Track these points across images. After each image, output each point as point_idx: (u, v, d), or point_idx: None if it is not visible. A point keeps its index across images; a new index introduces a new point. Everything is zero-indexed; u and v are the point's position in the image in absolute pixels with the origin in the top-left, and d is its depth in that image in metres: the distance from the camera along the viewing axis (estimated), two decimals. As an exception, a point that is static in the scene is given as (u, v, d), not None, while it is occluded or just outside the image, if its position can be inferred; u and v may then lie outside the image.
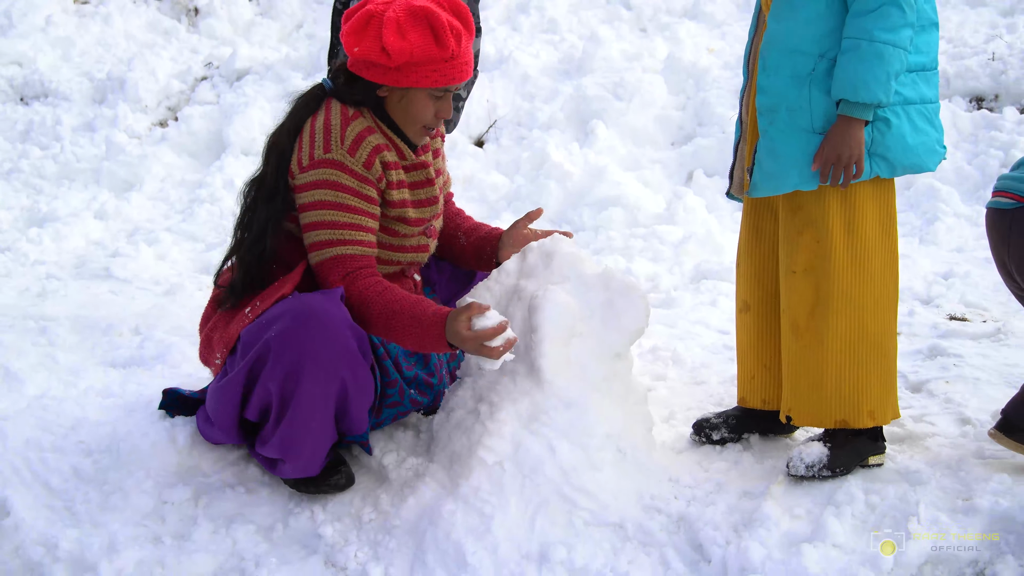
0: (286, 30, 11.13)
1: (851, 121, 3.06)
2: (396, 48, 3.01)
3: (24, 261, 6.33)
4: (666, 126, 7.98)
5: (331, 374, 3.00)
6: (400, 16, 3.03)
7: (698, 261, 5.85)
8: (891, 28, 2.99)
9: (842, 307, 3.21)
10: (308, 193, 3.11)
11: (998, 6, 9.50)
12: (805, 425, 3.35)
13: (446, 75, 3.11)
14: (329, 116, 3.14)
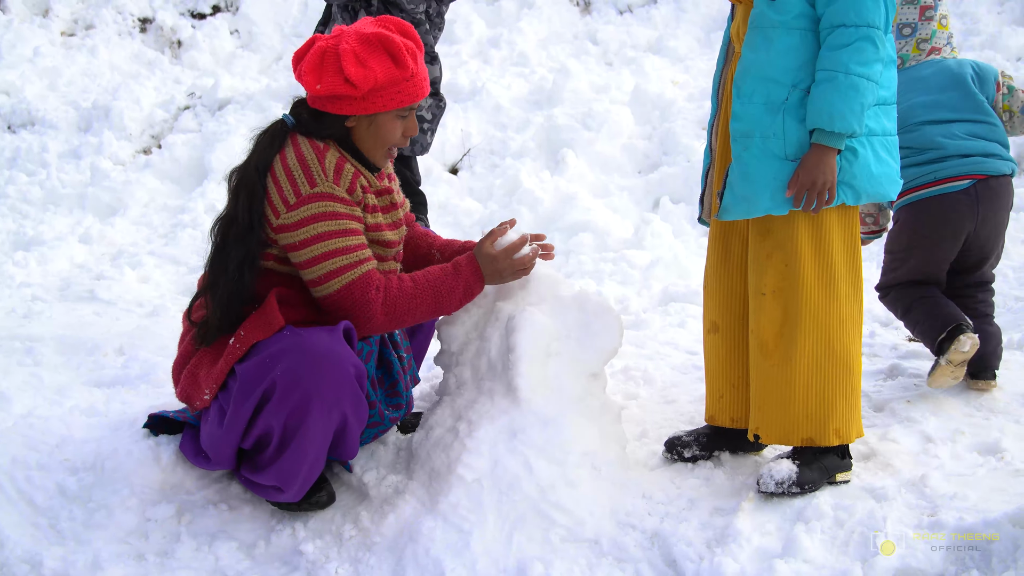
0: (266, 62, 11.10)
1: (825, 149, 3.05)
2: (359, 77, 2.99)
3: (10, 283, 6.25)
4: (633, 155, 7.99)
5: (335, 410, 2.99)
6: (355, 47, 3.01)
7: (666, 284, 5.84)
8: (865, 62, 3.00)
9: (810, 327, 3.19)
10: (304, 229, 3.03)
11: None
12: (773, 443, 3.32)
13: (410, 94, 3.11)
14: (301, 151, 3.07)
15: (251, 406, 2.95)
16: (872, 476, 3.34)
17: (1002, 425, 3.78)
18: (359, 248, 3.08)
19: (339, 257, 3.04)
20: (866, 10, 2.99)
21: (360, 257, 3.07)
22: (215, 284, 3.07)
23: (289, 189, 3.03)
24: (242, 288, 3.05)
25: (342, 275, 3.04)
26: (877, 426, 3.72)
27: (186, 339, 3.24)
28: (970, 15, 10.12)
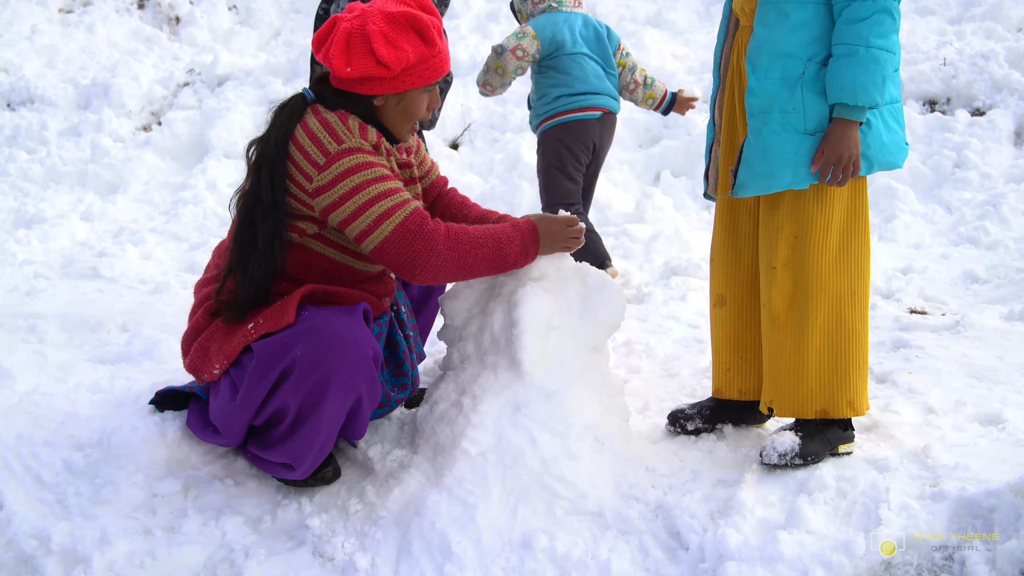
0: (264, 38, 11.07)
1: (848, 123, 3.05)
2: (392, 59, 2.98)
3: (12, 261, 6.25)
4: (634, 129, 7.97)
5: (351, 392, 3.00)
6: (384, 28, 2.99)
7: (667, 258, 5.83)
8: (884, 34, 2.98)
9: (821, 299, 3.19)
10: (341, 184, 2.99)
11: (945, 15, 9.56)
12: (786, 416, 3.32)
13: (437, 69, 3.11)
14: (322, 116, 3.06)
15: (268, 384, 2.95)
16: (875, 447, 3.35)
17: (1003, 396, 3.79)
18: (399, 190, 3.04)
19: (384, 200, 3.00)
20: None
21: (404, 197, 3.04)
22: (245, 261, 3.05)
23: (316, 152, 3.01)
24: (273, 263, 3.05)
25: (393, 215, 3.00)
26: (879, 397, 3.73)
27: (198, 312, 3.23)
28: (971, -15, 10.06)
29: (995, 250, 5.84)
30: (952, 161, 6.87)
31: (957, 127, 7.22)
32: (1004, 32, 8.69)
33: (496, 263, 3.14)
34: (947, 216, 6.41)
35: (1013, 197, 6.34)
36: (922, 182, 6.83)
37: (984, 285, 5.35)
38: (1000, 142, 7.08)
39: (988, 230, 6.01)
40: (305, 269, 3.16)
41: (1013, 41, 8.24)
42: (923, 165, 6.95)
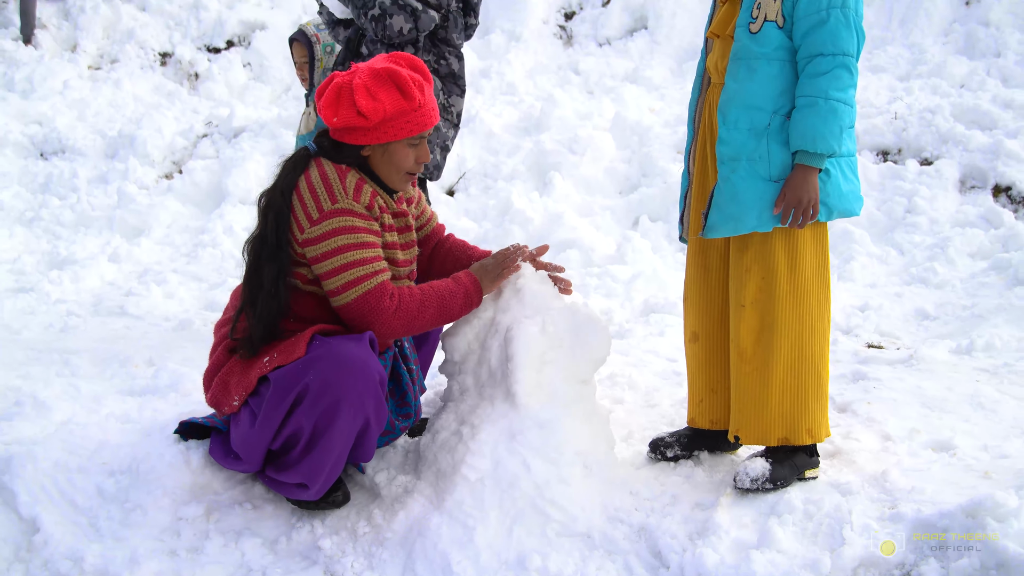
0: (276, 93, 11.11)
1: (808, 169, 3.09)
2: (370, 109, 3.02)
3: (47, 300, 6.23)
4: (614, 177, 7.99)
5: (360, 413, 3.02)
6: (367, 81, 3.04)
7: (646, 296, 5.84)
8: (842, 88, 3.03)
9: (784, 335, 3.22)
10: (326, 243, 3.06)
11: (895, 72, 9.65)
12: (751, 443, 3.34)
13: (418, 123, 3.12)
14: (324, 170, 3.11)
15: (285, 408, 2.98)
16: (837, 472, 3.37)
17: (953, 424, 3.82)
18: (375, 260, 3.10)
19: (356, 268, 3.06)
20: (841, 40, 3.03)
21: (376, 268, 3.09)
22: (254, 301, 3.09)
23: (313, 205, 3.07)
24: (279, 303, 3.08)
25: (359, 285, 3.06)
26: (841, 426, 3.75)
27: (217, 350, 3.26)
28: (917, 45, 10.18)
29: (943, 289, 5.88)
30: (903, 207, 6.92)
31: (908, 176, 7.27)
32: (948, 88, 8.77)
33: (443, 318, 3.26)
34: (900, 257, 6.45)
35: (959, 240, 6.38)
36: (876, 226, 6.87)
37: (934, 321, 5.38)
38: (947, 190, 7.13)
39: (937, 271, 6.05)
40: (313, 310, 3.19)
41: (957, 97, 8.32)
42: (877, 211, 6.99)
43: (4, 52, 10.77)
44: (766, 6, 3.10)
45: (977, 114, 7.84)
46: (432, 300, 3.19)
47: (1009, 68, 9.09)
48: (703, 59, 3.44)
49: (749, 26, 3.13)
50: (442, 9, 4.65)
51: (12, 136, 9.25)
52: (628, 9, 11.45)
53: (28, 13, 11.13)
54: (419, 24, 4.56)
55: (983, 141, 7.44)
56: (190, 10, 11.86)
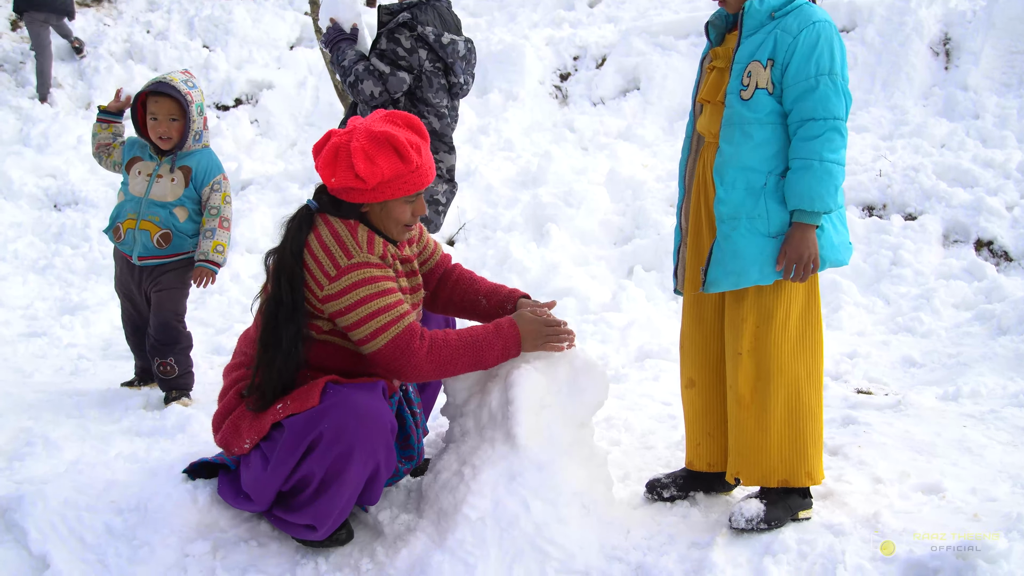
0: (282, 148, 11.19)
1: (806, 227, 3.12)
2: (367, 174, 3.01)
3: (58, 344, 6.23)
4: (609, 229, 8.04)
5: (371, 460, 3.01)
6: (364, 145, 3.02)
7: (641, 343, 5.84)
8: (835, 150, 3.07)
9: (781, 381, 3.22)
10: (348, 296, 3.04)
11: (879, 132, 9.74)
12: (752, 485, 3.32)
13: (415, 183, 3.11)
14: (334, 228, 3.09)
15: (299, 453, 2.96)
16: (830, 513, 3.34)
17: (942, 468, 3.80)
18: (398, 304, 3.08)
19: (382, 315, 3.04)
20: (832, 105, 3.07)
21: (400, 312, 3.07)
22: (271, 360, 3.06)
23: (329, 264, 3.05)
24: (297, 360, 3.08)
25: (387, 331, 3.04)
26: (833, 468, 3.72)
27: (228, 394, 3.25)
28: (899, 107, 10.29)
29: (929, 338, 5.89)
30: (889, 259, 6.95)
31: (893, 230, 7.32)
32: (930, 148, 8.85)
33: (476, 366, 3.21)
34: (886, 307, 6.47)
35: (943, 292, 6.41)
36: (863, 277, 6.90)
37: (921, 369, 5.38)
38: (930, 243, 7.18)
39: (922, 320, 6.07)
40: (326, 358, 3.18)
41: (938, 156, 8.39)
42: (864, 263, 7.02)
43: (21, 110, 10.86)
44: (756, 75, 3.14)
45: (958, 172, 7.91)
46: (467, 347, 3.14)
47: (988, 129, 9.18)
48: (691, 121, 3.49)
49: (740, 93, 3.17)
50: (414, 70, 4.73)
51: (27, 188, 9.30)
52: (621, 71, 11.58)
53: (44, 73, 11.25)
54: (388, 87, 4.69)
55: (965, 198, 7.50)
56: (200, 70, 11.98)
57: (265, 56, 12.47)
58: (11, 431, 4.19)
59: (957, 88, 10.54)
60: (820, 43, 3.08)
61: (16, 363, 5.77)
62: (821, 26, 3.09)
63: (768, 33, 3.14)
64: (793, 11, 3.13)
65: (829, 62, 3.08)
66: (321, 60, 11.12)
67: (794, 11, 3.13)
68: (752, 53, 3.16)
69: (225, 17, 12.80)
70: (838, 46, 3.10)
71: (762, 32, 3.16)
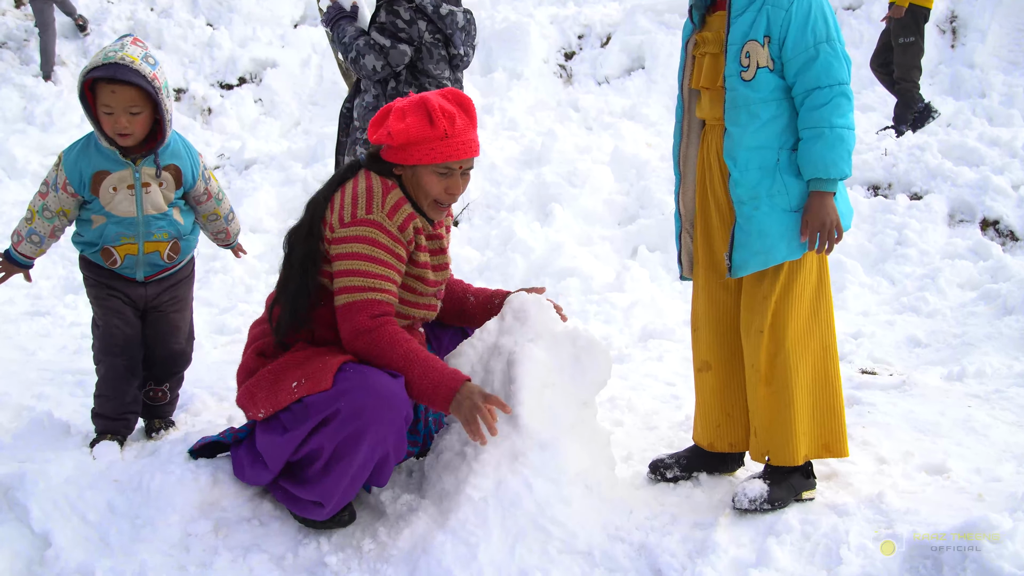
0: (286, 127, 11.16)
1: (824, 195, 3.11)
2: (396, 130, 3.05)
3: (62, 323, 6.21)
4: (613, 208, 8.01)
5: (381, 446, 3.00)
6: (404, 105, 3.10)
7: (644, 323, 5.83)
8: (843, 115, 3.06)
9: (801, 356, 3.22)
10: (347, 245, 3.07)
11: (883, 111, 9.70)
12: (779, 463, 3.27)
13: (442, 152, 3.08)
14: (370, 182, 3.14)
15: (312, 424, 2.97)
16: (834, 494, 3.33)
17: (946, 448, 3.78)
18: (379, 278, 3.07)
19: (358, 278, 3.05)
20: (835, 70, 3.05)
21: (374, 285, 3.06)
22: (285, 283, 3.16)
23: (349, 210, 3.10)
24: (305, 285, 3.11)
25: (352, 293, 3.05)
26: (836, 449, 3.71)
27: (248, 350, 3.30)
28: (906, 86, 10.20)
29: (934, 318, 5.86)
30: (894, 239, 6.92)
31: (898, 209, 7.28)
32: (935, 126, 8.80)
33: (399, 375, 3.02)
34: (891, 287, 6.44)
35: (948, 271, 6.37)
36: (868, 257, 6.86)
37: (926, 349, 5.35)
38: (936, 223, 7.13)
39: (928, 300, 6.04)
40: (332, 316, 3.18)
41: (944, 135, 8.34)
42: (868, 242, 6.98)
43: (25, 88, 10.83)
44: (755, 54, 3.11)
45: (964, 151, 7.85)
46: (401, 357, 2.99)
47: (994, 108, 9.13)
48: (680, 106, 3.46)
49: (741, 75, 3.14)
50: (414, 42, 4.72)
51: (31, 167, 9.28)
52: (626, 50, 11.53)
53: (48, 51, 11.20)
54: (390, 60, 4.68)
55: (971, 177, 7.45)
56: (204, 49, 11.93)
57: (269, 34, 12.40)
58: (14, 409, 4.18)
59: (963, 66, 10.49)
60: (813, 11, 3.06)
61: (19, 341, 5.76)
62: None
63: (758, 10, 3.10)
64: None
65: (825, 29, 3.06)
66: (325, 39, 11.06)
67: None
68: (746, 33, 3.12)
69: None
70: (829, 11, 3.10)
71: (751, 10, 3.12)
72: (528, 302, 3.38)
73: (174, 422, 3.98)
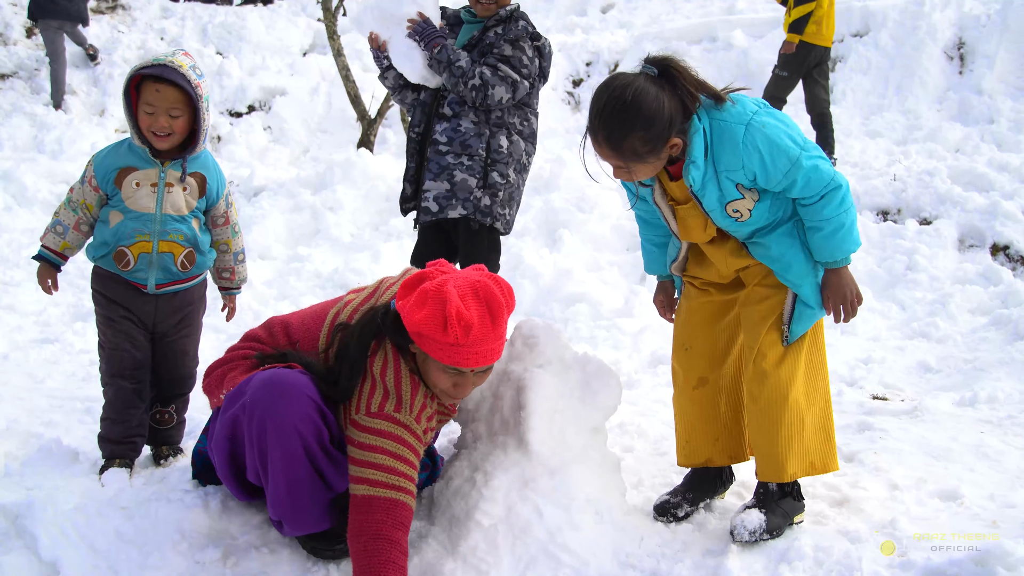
0: (294, 154, 11.21)
1: (840, 271, 3.12)
2: (410, 318, 2.85)
3: (70, 350, 6.22)
4: (621, 234, 8.01)
5: (288, 432, 2.85)
6: (429, 288, 2.84)
7: (654, 348, 5.81)
8: (838, 204, 3.00)
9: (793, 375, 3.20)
10: (370, 436, 2.90)
11: (892, 137, 9.71)
12: (766, 480, 3.25)
13: (451, 357, 2.85)
14: (399, 377, 2.97)
15: (225, 429, 2.96)
16: (846, 520, 3.30)
17: (959, 474, 3.75)
18: (403, 476, 2.88)
19: (381, 472, 2.86)
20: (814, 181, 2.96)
21: (398, 484, 2.87)
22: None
23: (378, 401, 2.94)
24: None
25: (375, 488, 2.85)
26: (848, 475, 3.68)
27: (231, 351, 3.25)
28: (913, 112, 10.24)
29: (945, 343, 5.83)
30: (904, 264, 6.90)
31: (907, 235, 7.27)
32: (944, 152, 8.81)
33: None
34: (901, 313, 6.42)
35: (959, 296, 6.35)
36: (878, 282, 6.85)
37: (936, 374, 5.33)
38: (946, 248, 7.12)
39: (938, 325, 6.01)
40: None
41: (953, 160, 8.34)
42: (878, 268, 6.97)
43: (36, 116, 10.90)
44: (742, 205, 3.05)
45: (973, 176, 7.85)
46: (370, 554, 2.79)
47: (1003, 134, 9.12)
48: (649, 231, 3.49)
49: (737, 222, 3.10)
50: (531, 79, 4.79)
51: (41, 195, 9.30)
52: (634, 76, 11.54)
53: (59, 80, 11.29)
54: (516, 94, 4.73)
55: (980, 202, 7.44)
56: (214, 77, 12.01)
57: (278, 63, 12.49)
58: (22, 436, 4.18)
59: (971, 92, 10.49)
60: (763, 153, 2.91)
61: (28, 368, 5.77)
62: (749, 138, 2.91)
63: (717, 181, 3.00)
64: (714, 144, 2.96)
65: (784, 154, 2.91)
66: (334, 67, 11.12)
67: (715, 144, 2.96)
68: (720, 198, 3.03)
69: (238, 24, 12.83)
70: (775, 134, 2.91)
71: (711, 183, 3.00)
72: (538, 327, 3.37)
73: (182, 449, 3.97)
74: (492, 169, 4.71)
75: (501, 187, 4.73)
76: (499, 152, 4.75)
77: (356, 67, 11.79)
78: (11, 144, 10.27)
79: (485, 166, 4.73)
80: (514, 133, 4.78)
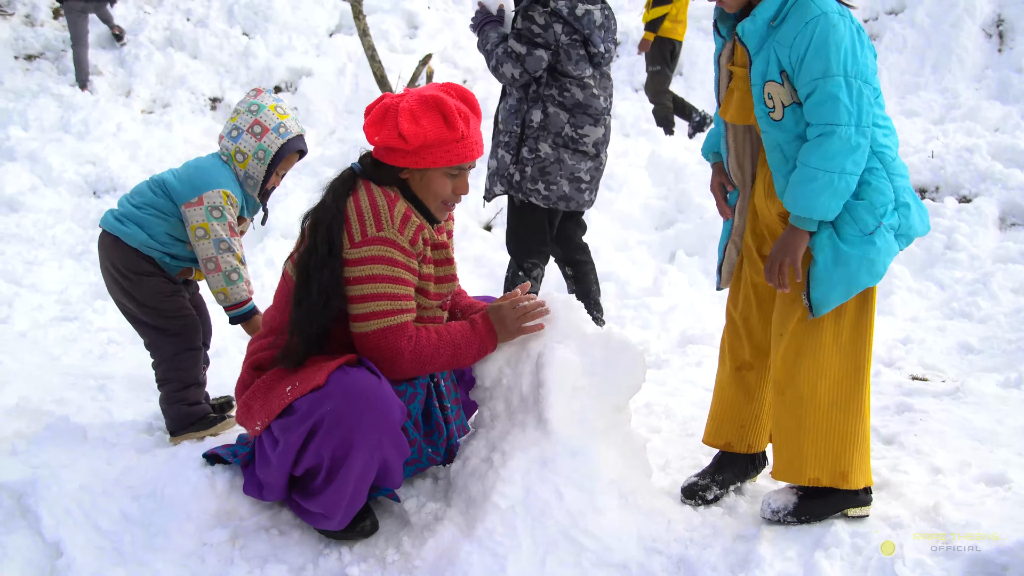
0: (321, 135, 11.12)
1: (795, 231, 2.86)
2: (411, 133, 2.89)
3: (89, 328, 6.14)
4: (650, 213, 7.86)
5: (376, 449, 2.85)
6: (413, 105, 2.92)
7: (683, 328, 5.65)
8: (825, 155, 2.75)
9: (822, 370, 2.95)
10: (362, 267, 2.91)
11: (929, 116, 9.46)
12: (780, 480, 3.08)
13: (458, 154, 2.98)
14: (373, 196, 2.96)
15: (300, 436, 2.82)
16: (886, 505, 3.11)
17: (1006, 457, 3.55)
18: (404, 298, 2.95)
19: (384, 301, 2.91)
20: (826, 110, 2.73)
21: (402, 307, 2.94)
22: (306, 313, 2.93)
23: (357, 228, 2.91)
24: (328, 312, 2.92)
25: (382, 319, 2.91)
26: (887, 458, 3.50)
27: (245, 365, 3.13)
28: (951, 90, 10.00)
29: (987, 323, 5.61)
30: (943, 243, 6.67)
31: (946, 212, 7.03)
32: (983, 131, 8.55)
33: (456, 364, 3.10)
34: (940, 292, 6.19)
35: (1000, 276, 6.12)
36: (916, 262, 6.62)
37: (979, 355, 5.11)
38: (986, 226, 6.88)
39: (980, 305, 5.79)
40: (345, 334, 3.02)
41: (992, 137, 8.08)
42: (916, 247, 6.73)
43: (62, 97, 10.85)
44: (777, 94, 2.86)
45: (1015, 153, 7.60)
46: (447, 346, 3.03)
47: (1044, 111, 8.84)
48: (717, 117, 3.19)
49: (770, 115, 2.90)
50: (551, 46, 4.72)
51: (67, 175, 9.27)
52: (663, 55, 11.33)
53: (81, 61, 11.24)
54: (527, 67, 4.72)
55: (1022, 179, 7.18)
56: (240, 58, 11.92)
57: (304, 43, 12.37)
58: (32, 414, 4.09)
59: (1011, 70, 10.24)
60: (812, 45, 2.73)
61: (46, 346, 5.70)
62: (814, 24, 2.74)
63: (769, 49, 2.85)
64: (788, 15, 2.81)
65: (825, 60, 2.72)
66: (360, 47, 10.98)
67: (788, 14, 2.81)
68: (764, 73, 2.87)
69: (265, 4, 12.70)
70: (837, 39, 2.73)
71: (764, 48, 2.86)
72: (558, 302, 3.22)
73: None
74: (524, 144, 4.73)
75: (529, 162, 4.74)
76: (530, 126, 4.78)
77: (382, 47, 11.65)
78: (38, 125, 10.22)
79: (519, 141, 4.69)
80: (552, 105, 4.76)
